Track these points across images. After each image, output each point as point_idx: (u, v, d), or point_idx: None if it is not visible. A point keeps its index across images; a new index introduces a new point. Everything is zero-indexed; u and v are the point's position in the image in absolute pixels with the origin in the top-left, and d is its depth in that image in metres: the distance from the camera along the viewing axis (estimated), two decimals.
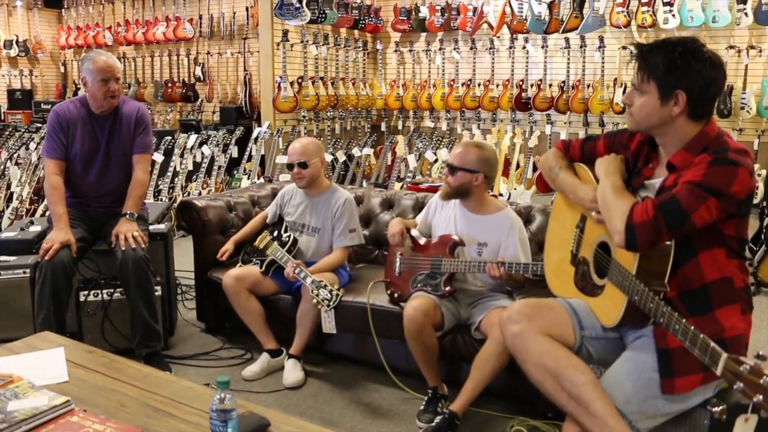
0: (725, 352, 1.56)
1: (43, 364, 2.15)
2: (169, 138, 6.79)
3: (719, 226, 1.90)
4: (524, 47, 8.29)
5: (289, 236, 3.39)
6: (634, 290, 1.89)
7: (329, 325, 3.05)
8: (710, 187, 1.82)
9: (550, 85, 8.19)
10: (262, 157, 7.26)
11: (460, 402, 2.68)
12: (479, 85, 8.55)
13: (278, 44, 7.55)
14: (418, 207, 3.64)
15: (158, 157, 6.45)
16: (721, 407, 1.94)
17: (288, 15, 7.46)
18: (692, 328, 1.68)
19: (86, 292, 3.34)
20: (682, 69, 1.90)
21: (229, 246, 3.58)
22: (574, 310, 2.15)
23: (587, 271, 2.20)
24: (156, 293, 3.34)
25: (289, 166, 3.40)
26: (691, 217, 1.82)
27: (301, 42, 7.85)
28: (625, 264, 1.96)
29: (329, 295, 2.94)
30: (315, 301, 2.97)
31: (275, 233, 3.44)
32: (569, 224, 2.34)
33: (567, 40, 7.98)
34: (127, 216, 3.30)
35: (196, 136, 7.02)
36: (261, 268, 3.34)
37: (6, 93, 10.50)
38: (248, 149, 7.24)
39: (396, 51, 9.21)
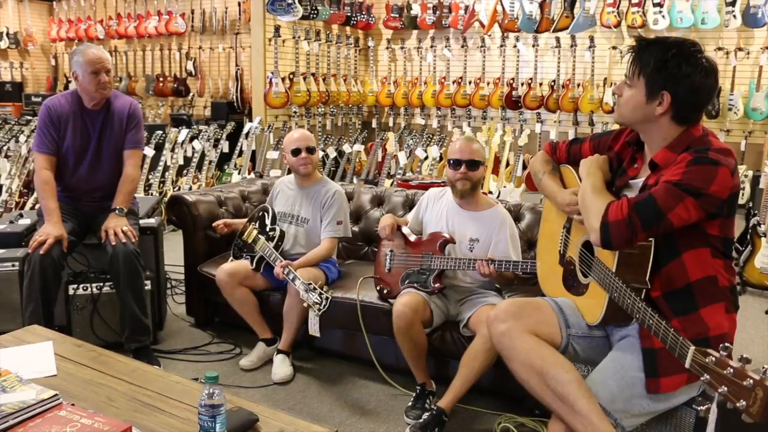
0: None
1: (32, 358, 2.15)
2: (160, 132, 6.77)
3: (702, 226, 1.90)
4: (515, 46, 8.32)
5: (275, 230, 3.38)
6: (613, 287, 1.91)
7: (314, 328, 3.01)
8: (688, 187, 1.82)
9: (541, 84, 8.23)
10: (253, 152, 7.25)
11: (448, 398, 2.69)
12: (470, 82, 8.58)
13: (270, 40, 7.54)
14: (408, 204, 3.66)
15: (149, 151, 6.43)
16: (706, 406, 1.95)
17: (280, 11, 7.44)
18: (663, 323, 1.70)
19: (75, 286, 3.34)
20: (671, 71, 1.90)
21: (222, 225, 3.58)
22: (561, 309, 2.16)
23: (573, 270, 2.22)
24: (146, 288, 3.33)
25: (295, 152, 3.39)
26: (668, 216, 1.82)
27: (293, 38, 7.84)
28: (605, 262, 1.98)
29: (319, 299, 2.89)
30: (306, 305, 2.94)
31: (261, 226, 3.44)
32: (557, 226, 2.38)
33: (558, 39, 8.02)
34: (117, 211, 3.30)
35: (187, 130, 7.00)
36: (252, 264, 3.34)
37: None
38: (239, 144, 7.23)
39: (387, 48, 9.22)
